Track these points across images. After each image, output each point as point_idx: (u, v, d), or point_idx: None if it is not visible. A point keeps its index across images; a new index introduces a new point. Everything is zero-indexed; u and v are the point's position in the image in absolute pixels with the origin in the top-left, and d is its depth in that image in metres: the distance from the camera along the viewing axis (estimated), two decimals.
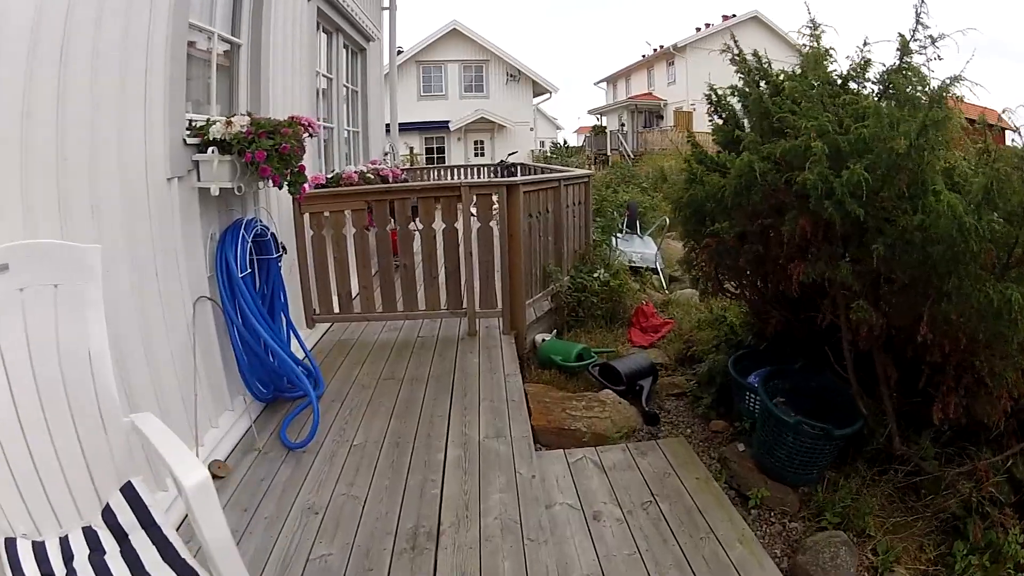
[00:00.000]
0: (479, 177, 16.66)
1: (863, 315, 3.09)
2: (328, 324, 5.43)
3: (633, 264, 8.23)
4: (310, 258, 5.08)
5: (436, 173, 16.91)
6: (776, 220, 3.49)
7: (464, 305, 5.17)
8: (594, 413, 4.38)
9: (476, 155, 29.73)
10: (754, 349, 4.57)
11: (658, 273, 8.66)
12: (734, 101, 4.60)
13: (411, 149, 27.22)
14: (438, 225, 5.01)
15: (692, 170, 4.17)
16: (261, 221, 3.89)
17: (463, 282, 5.10)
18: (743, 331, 5.08)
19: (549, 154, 28.71)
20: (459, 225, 4.98)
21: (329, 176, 5.80)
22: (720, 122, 5.21)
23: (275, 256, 3.99)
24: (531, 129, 30.57)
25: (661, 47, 34.81)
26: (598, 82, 43.71)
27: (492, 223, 5.01)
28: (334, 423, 3.90)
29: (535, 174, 11.98)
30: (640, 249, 8.92)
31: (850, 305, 3.19)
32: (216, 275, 3.64)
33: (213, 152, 3.30)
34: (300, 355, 4.41)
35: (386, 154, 8.61)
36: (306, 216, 4.99)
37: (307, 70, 5.45)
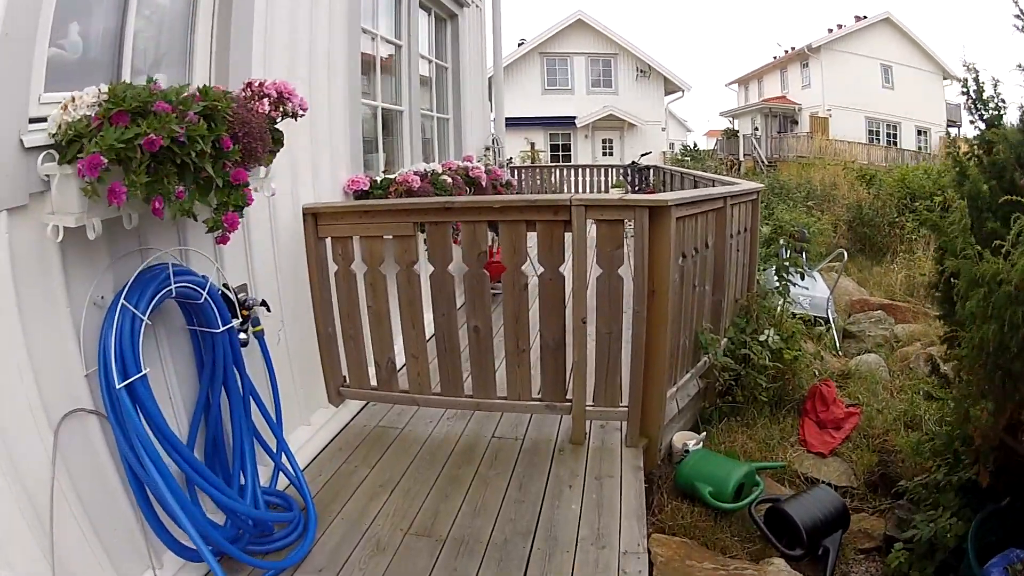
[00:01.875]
0: (605, 181, 14.42)
1: None
2: (363, 402, 3.58)
3: (801, 312, 5.82)
4: (335, 305, 3.26)
5: (558, 173, 14.80)
6: None
7: (568, 396, 3.17)
8: None
9: (604, 154, 27.06)
10: (997, 506, 2.73)
11: (830, 325, 6.21)
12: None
13: (532, 145, 25.20)
14: (531, 268, 3.01)
15: None
16: (188, 272, 2.05)
17: (569, 362, 3.09)
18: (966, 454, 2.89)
19: (680, 157, 25.75)
20: (567, 269, 2.98)
21: (379, 179, 3.91)
22: (983, 126, 3.14)
23: (221, 329, 2.14)
24: (663, 129, 27.50)
25: (793, 48, 31.79)
26: (729, 83, 40.02)
27: (622, 269, 2.96)
28: None
29: (675, 184, 9.57)
30: (809, 291, 6.45)
31: None
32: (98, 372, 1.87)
33: (50, 160, 1.51)
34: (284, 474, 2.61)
35: (487, 149, 6.68)
36: (327, 242, 3.16)
37: (343, 22, 3.65)
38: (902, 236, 10.21)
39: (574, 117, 26.42)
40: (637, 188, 12.66)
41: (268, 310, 2.58)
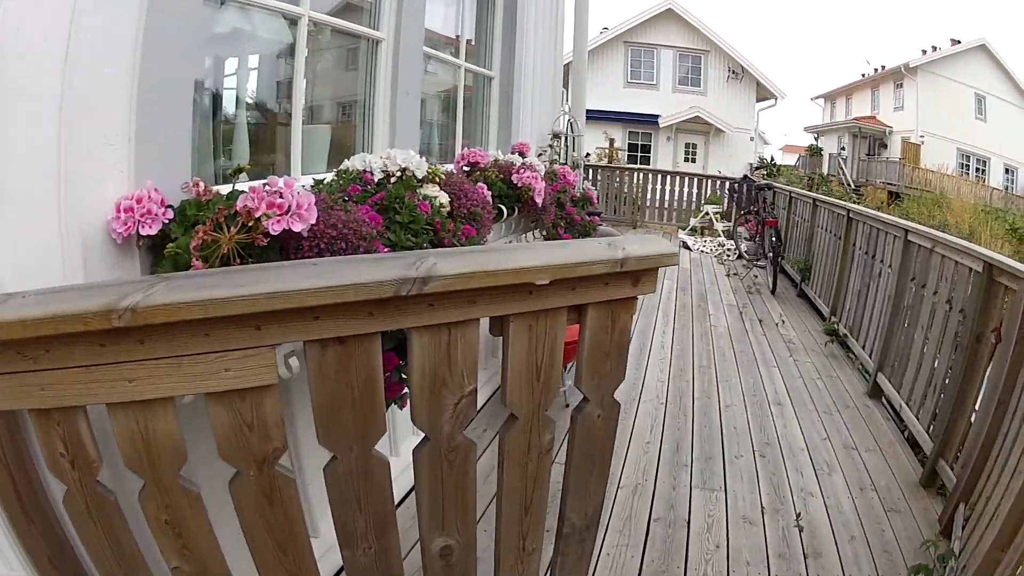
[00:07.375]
0: (697, 194, 11.65)
1: None
2: None
3: None
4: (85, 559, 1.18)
5: (638, 178, 12.16)
6: None
7: None
8: None
9: (686, 160, 23.95)
10: None
11: None
12: None
13: (611, 141, 22.41)
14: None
15: None
16: None
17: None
18: None
19: (766, 172, 22.43)
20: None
21: (226, 191, 1.38)
22: None
23: None
24: (751, 139, 24.07)
25: (883, 67, 28.87)
26: (815, 97, 36.27)
27: None
28: None
29: (801, 215, 6.77)
30: None
31: None
32: None
33: None
34: None
35: (555, 138, 4.41)
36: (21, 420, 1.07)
37: None
38: None
39: (657, 116, 23.44)
40: (745, 213, 9.05)
41: None
